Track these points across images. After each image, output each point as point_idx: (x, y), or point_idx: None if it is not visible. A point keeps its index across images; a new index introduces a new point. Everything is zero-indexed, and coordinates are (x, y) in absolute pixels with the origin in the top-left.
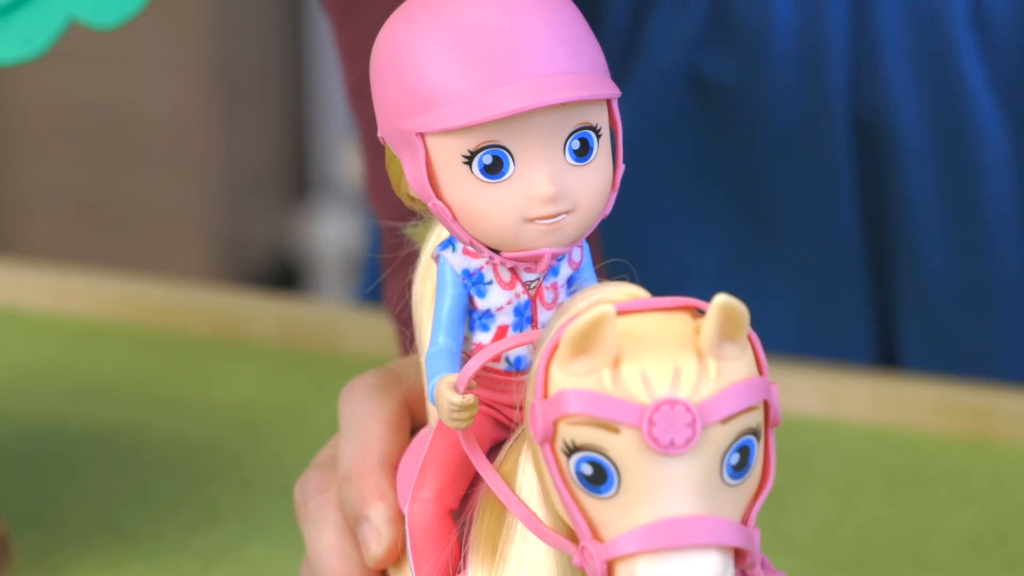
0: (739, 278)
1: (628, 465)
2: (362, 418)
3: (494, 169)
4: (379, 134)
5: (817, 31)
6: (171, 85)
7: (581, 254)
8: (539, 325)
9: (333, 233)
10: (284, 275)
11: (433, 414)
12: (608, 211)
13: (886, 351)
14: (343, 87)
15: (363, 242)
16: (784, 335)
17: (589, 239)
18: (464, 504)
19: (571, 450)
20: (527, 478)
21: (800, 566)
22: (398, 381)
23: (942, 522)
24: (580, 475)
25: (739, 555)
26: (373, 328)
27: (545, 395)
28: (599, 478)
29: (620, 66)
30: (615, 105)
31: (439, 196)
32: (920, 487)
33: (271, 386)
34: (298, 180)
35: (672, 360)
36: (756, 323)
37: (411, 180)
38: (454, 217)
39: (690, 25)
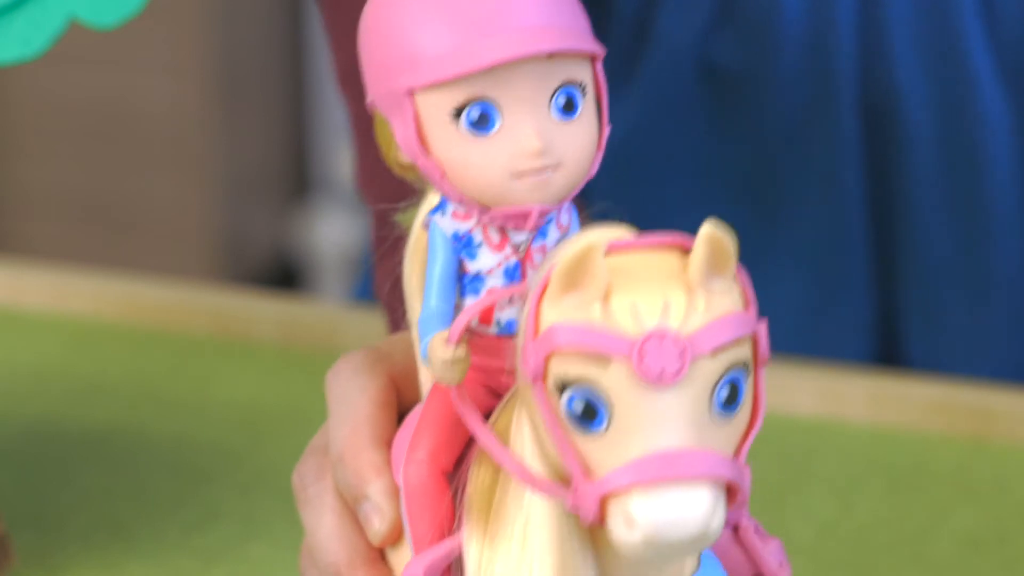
0: (745, 263)
1: (619, 398)
2: (349, 399)
3: (481, 123)
4: (368, 102)
5: (825, 18)
6: (171, 85)
7: (569, 218)
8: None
9: (333, 233)
10: (284, 275)
11: (426, 383)
12: (594, 172)
13: (888, 340)
14: (333, 73)
15: (363, 242)
16: (787, 320)
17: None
18: (458, 467)
19: (562, 386)
20: (519, 436)
21: (800, 566)
22: (383, 359)
23: (942, 522)
24: (571, 413)
25: (730, 492)
26: (373, 328)
27: (535, 334)
28: (590, 414)
29: (629, 53)
30: (599, 65)
31: (428, 154)
32: (920, 487)
33: (271, 386)
34: (298, 180)
35: (661, 293)
36: (761, 307)
37: (400, 141)
38: (443, 175)
39: (699, 11)
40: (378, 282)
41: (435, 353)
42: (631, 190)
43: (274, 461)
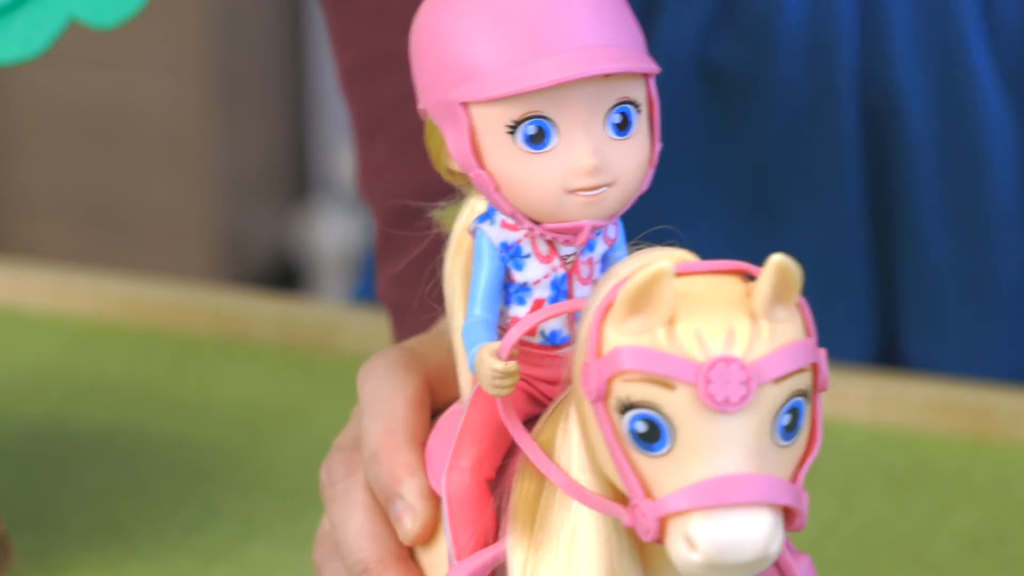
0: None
1: (682, 422)
2: (384, 396)
3: (537, 140)
4: (419, 106)
5: (826, 18)
6: (171, 85)
7: (616, 231)
8: (575, 299)
9: (333, 233)
10: (284, 275)
11: (466, 386)
12: (645, 187)
13: (887, 342)
14: (336, 75)
15: (363, 242)
16: None
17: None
18: (500, 474)
19: (625, 407)
20: (566, 447)
21: None
22: (418, 358)
23: (942, 522)
24: (634, 433)
25: (788, 516)
26: (373, 328)
27: (598, 354)
28: (653, 435)
29: None
30: (653, 82)
31: (482, 166)
32: (920, 487)
33: (271, 386)
34: (298, 180)
35: (726, 320)
36: None
37: (454, 151)
38: (496, 187)
39: (700, 12)
40: (380, 284)
41: (484, 365)
42: None
43: (274, 461)
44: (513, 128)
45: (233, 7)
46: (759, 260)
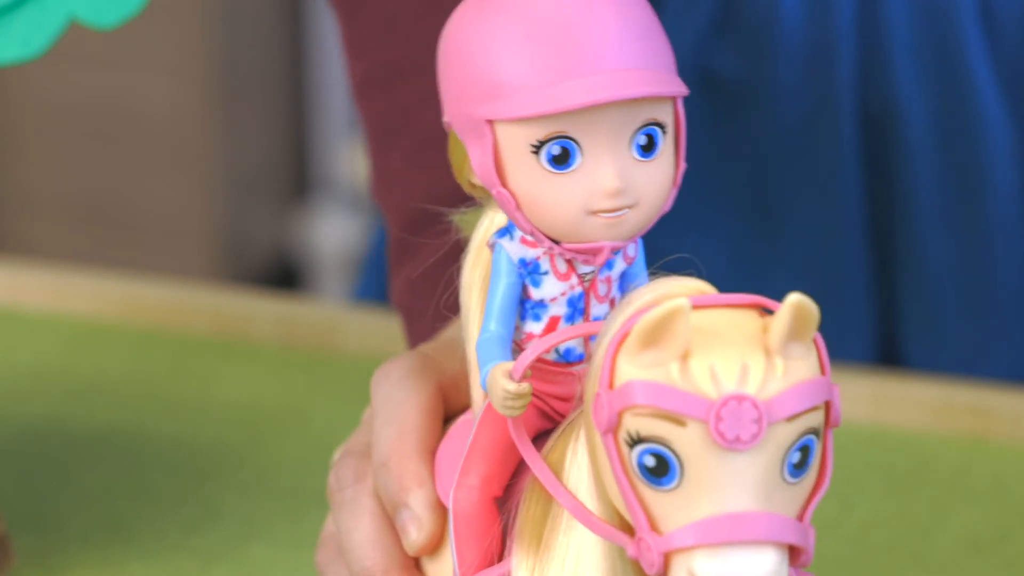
0: (744, 272)
1: (692, 459)
2: (397, 403)
3: (561, 160)
4: (444, 119)
5: (825, 26)
6: (171, 85)
7: (636, 249)
8: (591, 317)
9: (333, 233)
10: (284, 275)
11: (478, 400)
12: (668, 207)
13: (887, 348)
14: (349, 83)
15: (363, 242)
16: None
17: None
18: (508, 492)
19: (635, 441)
20: (575, 469)
21: None
22: (432, 365)
23: (942, 522)
24: (642, 467)
25: (794, 552)
26: (373, 328)
27: (611, 385)
28: (661, 470)
29: None
30: (680, 103)
31: (504, 184)
32: (920, 487)
33: (271, 386)
34: (298, 180)
35: (740, 356)
36: None
37: (476, 167)
38: (517, 205)
39: (698, 19)
40: (395, 290)
41: (496, 385)
42: None
43: (274, 461)
44: (537, 148)
45: (233, 7)
46: (760, 265)
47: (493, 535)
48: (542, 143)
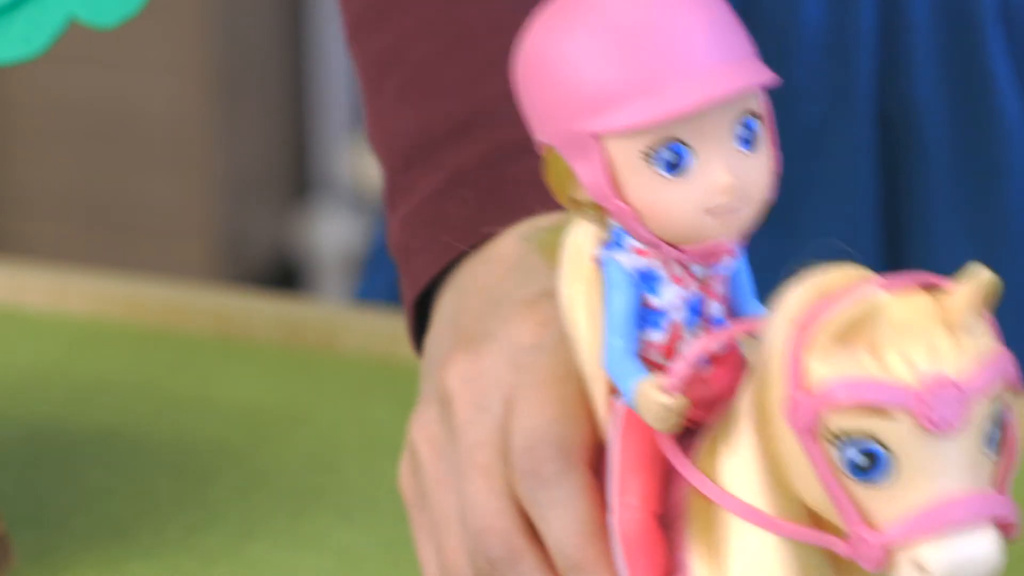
0: (757, 271)
1: (901, 448)
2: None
3: (674, 164)
4: (537, 138)
5: (845, 25)
6: (171, 85)
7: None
8: (709, 318)
9: (333, 233)
10: (284, 275)
11: (603, 416)
12: (772, 197)
13: None
14: (342, 28)
15: (364, 242)
16: None
17: None
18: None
19: (840, 439)
20: (727, 474)
21: None
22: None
23: None
24: (851, 463)
25: (1004, 528)
26: (374, 328)
27: (800, 385)
28: (871, 465)
29: None
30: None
31: (618, 197)
32: None
33: (271, 386)
34: (298, 180)
35: (926, 338)
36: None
37: (587, 183)
38: (636, 217)
39: None
40: (390, 231)
41: (651, 400)
42: None
43: (274, 461)
44: (646, 155)
45: (233, 6)
46: (772, 266)
47: (662, 552)
48: (651, 150)
